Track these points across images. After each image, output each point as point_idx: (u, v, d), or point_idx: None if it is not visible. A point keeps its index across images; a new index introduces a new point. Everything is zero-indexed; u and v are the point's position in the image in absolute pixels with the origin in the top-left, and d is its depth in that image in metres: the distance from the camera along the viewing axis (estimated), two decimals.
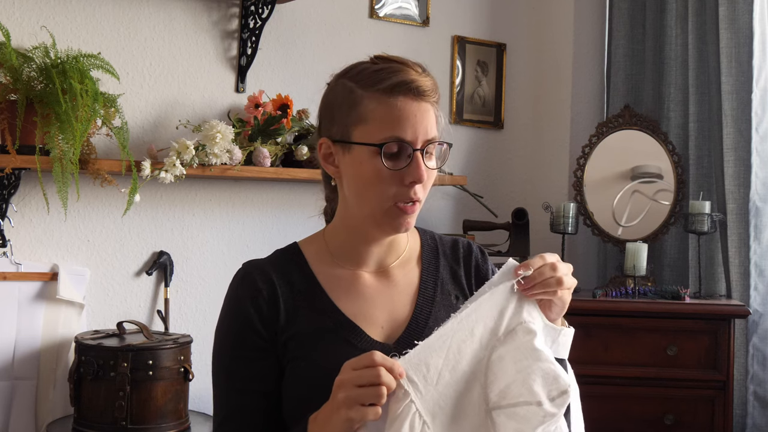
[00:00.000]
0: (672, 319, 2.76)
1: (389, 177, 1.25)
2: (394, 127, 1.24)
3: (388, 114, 1.25)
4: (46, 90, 2.17)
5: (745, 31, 2.94)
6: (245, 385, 1.27)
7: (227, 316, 1.32)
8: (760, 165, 2.93)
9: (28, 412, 2.36)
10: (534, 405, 1.09)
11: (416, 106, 1.25)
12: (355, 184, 1.29)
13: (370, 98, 1.26)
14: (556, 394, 1.10)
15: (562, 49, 3.43)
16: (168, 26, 2.64)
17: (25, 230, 2.41)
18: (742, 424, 2.89)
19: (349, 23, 3.00)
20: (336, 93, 1.31)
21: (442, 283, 1.38)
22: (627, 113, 3.20)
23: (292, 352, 1.27)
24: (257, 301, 1.29)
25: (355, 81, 1.28)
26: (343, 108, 1.29)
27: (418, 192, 1.27)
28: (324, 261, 1.35)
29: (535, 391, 1.10)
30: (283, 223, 2.86)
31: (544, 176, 3.44)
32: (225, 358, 1.31)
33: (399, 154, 1.25)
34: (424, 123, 1.26)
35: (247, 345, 1.28)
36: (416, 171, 1.25)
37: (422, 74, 1.28)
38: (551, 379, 1.11)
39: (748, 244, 2.92)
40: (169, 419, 2.24)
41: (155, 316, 2.62)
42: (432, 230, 1.48)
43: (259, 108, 2.64)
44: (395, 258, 1.38)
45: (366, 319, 1.30)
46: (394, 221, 1.28)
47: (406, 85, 1.25)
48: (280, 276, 1.31)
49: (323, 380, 1.22)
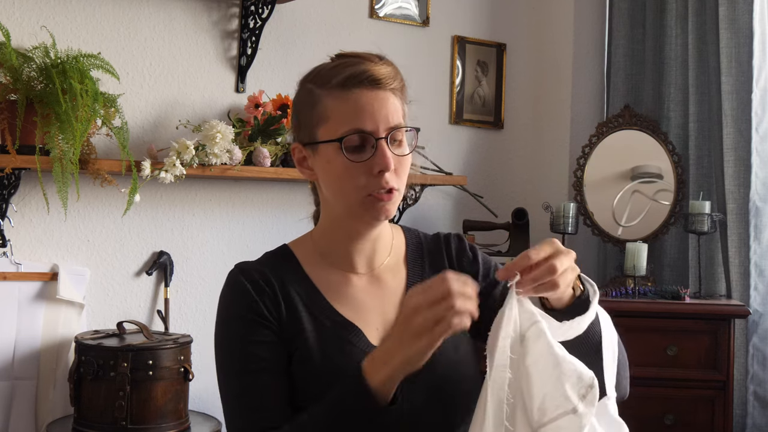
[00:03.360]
0: (672, 319, 2.76)
1: (358, 169, 1.25)
2: (352, 120, 1.24)
3: (345, 108, 1.25)
4: (46, 90, 2.17)
5: (745, 31, 2.94)
6: (259, 365, 1.24)
7: (231, 306, 1.30)
8: (760, 165, 2.93)
9: (28, 412, 2.36)
10: (571, 413, 1.07)
11: (373, 96, 1.25)
12: (329, 183, 1.30)
13: (327, 96, 1.27)
14: (585, 391, 1.08)
15: (562, 49, 3.43)
16: (168, 26, 2.64)
17: (25, 230, 2.41)
18: (742, 424, 2.89)
19: (349, 23, 3.00)
20: (300, 97, 1.32)
21: None
22: (627, 113, 3.20)
23: (293, 351, 1.26)
24: (261, 294, 1.28)
25: (314, 82, 1.29)
26: (306, 111, 1.30)
27: (390, 180, 1.25)
28: (315, 262, 1.35)
29: (568, 398, 1.08)
30: (283, 223, 2.86)
31: (544, 176, 3.44)
32: (234, 344, 1.27)
33: (363, 145, 1.25)
34: (383, 111, 1.25)
35: (256, 327, 1.26)
36: (382, 160, 1.24)
37: (377, 63, 1.28)
38: (576, 379, 1.08)
39: (748, 244, 2.92)
40: (169, 419, 2.24)
41: (155, 316, 2.62)
42: (417, 229, 1.47)
43: (259, 108, 2.64)
44: (383, 257, 1.37)
45: (361, 321, 1.30)
46: (372, 211, 1.27)
47: (358, 77, 1.25)
48: (276, 276, 1.31)
49: (323, 379, 1.22)
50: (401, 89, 1.30)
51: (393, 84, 1.28)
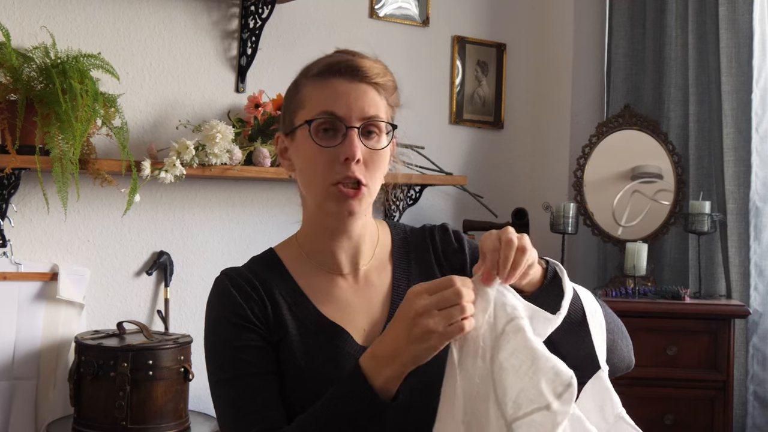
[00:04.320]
0: (672, 319, 2.76)
1: (325, 155, 1.23)
2: (326, 103, 1.24)
3: (320, 94, 1.25)
4: (46, 90, 2.17)
5: (745, 31, 2.94)
6: (251, 369, 1.24)
7: (218, 312, 1.31)
8: (760, 165, 2.93)
9: (28, 412, 2.36)
10: (544, 409, 1.07)
11: (351, 86, 1.25)
12: (300, 172, 1.29)
13: (308, 84, 1.28)
14: (562, 389, 1.08)
15: (562, 49, 3.43)
16: (168, 26, 2.64)
17: (25, 230, 2.41)
18: (742, 424, 2.89)
19: (349, 23, 3.00)
20: (288, 89, 1.34)
21: (414, 280, 1.34)
22: (627, 113, 3.20)
23: (280, 355, 1.26)
24: (247, 299, 1.28)
25: (301, 73, 1.31)
26: (288, 99, 1.32)
27: (357, 171, 1.23)
28: (301, 265, 1.34)
29: (543, 393, 1.07)
30: (282, 223, 2.85)
31: (544, 176, 3.44)
32: (223, 350, 1.27)
33: (334, 132, 1.24)
34: (359, 102, 1.24)
35: (245, 332, 1.26)
36: (349, 148, 1.22)
37: (364, 58, 1.27)
38: (553, 375, 1.08)
39: (748, 244, 2.92)
40: (169, 419, 2.24)
41: (155, 316, 2.62)
42: (404, 223, 1.46)
43: (259, 108, 2.64)
44: (369, 256, 1.35)
45: (348, 323, 1.29)
46: (338, 204, 1.25)
47: (338, 65, 1.25)
48: (261, 281, 1.30)
49: (309, 383, 1.22)
50: (387, 88, 1.28)
51: (376, 79, 1.26)
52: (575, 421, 1.13)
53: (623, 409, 1.22)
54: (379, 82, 1.27)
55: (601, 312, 1.26)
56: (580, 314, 1.22)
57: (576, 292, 1.22)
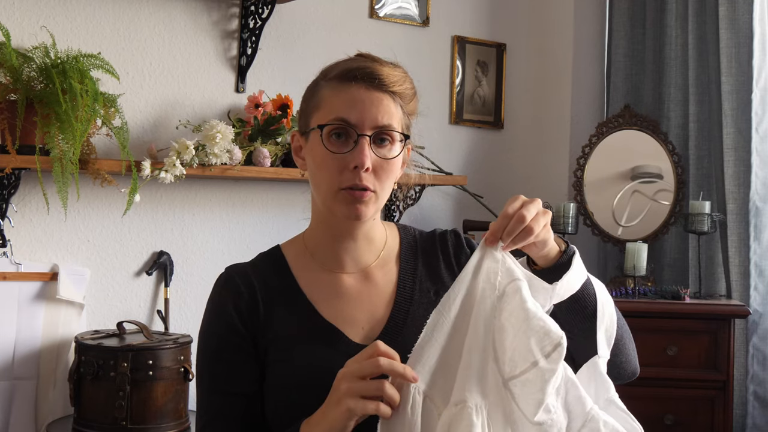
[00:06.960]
0: (672, 319, 2.76)
1: (335, 161, 1.24)
2: (340, 109, 1.24)
3: (337, 99, 1.25)
4: (46, 90, 2.17)
5: (745, 31, 2.94)
6: (228, 387, 1.27)
7: (210, 319, 1.33)
8: (760, 165, 2.93)
9: (28, 412, 2.36)
10: (532, 367, 1.08)
11: (367, 94, 1.25)
12: (311, 173, 1.30)
13: (326, 86, 1.28)
14: (551, 348, 1.08)
15: (562, 49, 3.43)
16: (168, 26, 2.64)
17: (25, 230, 2.41)
18: (742, 424, 2.89)
19: (349, 23, 3.00)
20: (307, 88, 1.34)
21: (420, 281, 1.35)
22: (627, 113, 3.20)
23: (271, 356, 1.27)
24: (238, 304, 1.29)
25: (321, 74, 1.31)
26: (306, 99, 1.32)
27: (366, 179, 1.24)
28: (305, 263, 1.34)
29: (532, 351, 1.08)
30: (283, 223, 2.86)
31: (544, 176, 3.44)
32: (208, 361, 1.30)
33: (345, 138, 1.25)
34: (373, 110, 1.24)
35: (229, 347, 1.28)
36: (359, 156, 1.22)
37: (384, 65, 1.28)
38: (542, 335, 1.09)
39: (748, 244, 2.92)
40: (169, 419, 2.24)
41: (155, 316, 2.62)
42: (415, 227, 1.46)
43: (259, 108, 2.64)
44: (374, 257, 1.35)
45: (346, 321, 1.29)
46: (346, 207, 1.25)
47: (356, 71, 1.25)
48: (260, 280, 1.31)
49: (301, 383, 1.23)
50: (404, 96, 1.29)
51: (393, 87, 1.27)
52: (571, 385, 1.15)
53: (616, 395, 1.23)
54: (396, 91, 1.27)
55: (613, 304, 1.28)
56: (593, 301, 1.24)
57: (590, 280, 1.25)
